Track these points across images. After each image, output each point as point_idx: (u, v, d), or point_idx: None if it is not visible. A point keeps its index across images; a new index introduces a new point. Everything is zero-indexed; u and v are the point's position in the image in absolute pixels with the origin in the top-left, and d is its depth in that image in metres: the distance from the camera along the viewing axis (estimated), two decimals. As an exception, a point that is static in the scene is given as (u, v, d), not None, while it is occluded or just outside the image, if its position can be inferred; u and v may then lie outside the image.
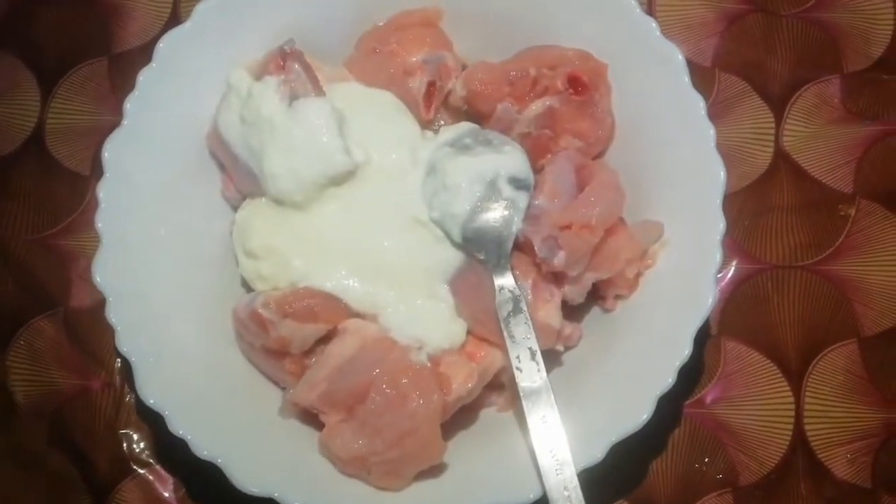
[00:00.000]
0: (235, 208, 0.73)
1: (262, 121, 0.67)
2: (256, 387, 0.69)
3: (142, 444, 0.78)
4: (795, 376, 0.77)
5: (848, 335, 0.78)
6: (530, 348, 0.63)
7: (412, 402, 0.61)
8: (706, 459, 0.76)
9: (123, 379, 0.80)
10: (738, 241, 0.81)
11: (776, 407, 0.77)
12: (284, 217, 0.68)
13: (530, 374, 0.62)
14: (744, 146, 0.83)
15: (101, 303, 0.65)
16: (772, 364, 0.78)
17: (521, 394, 0.62)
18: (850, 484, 0.75)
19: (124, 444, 0.78)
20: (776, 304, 0.79)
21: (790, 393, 0.77)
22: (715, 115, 0.81)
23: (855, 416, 0.77)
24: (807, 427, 0.76)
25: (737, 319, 0.79)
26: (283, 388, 0.69)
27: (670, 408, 0.77)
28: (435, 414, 0.61)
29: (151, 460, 0.78)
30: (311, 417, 0.67)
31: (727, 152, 0.67)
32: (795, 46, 0.85)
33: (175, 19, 0.89)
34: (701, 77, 0.83)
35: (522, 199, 0.66)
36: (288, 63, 0.67)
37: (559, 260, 0.63)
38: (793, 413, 0.77)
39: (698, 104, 0.65)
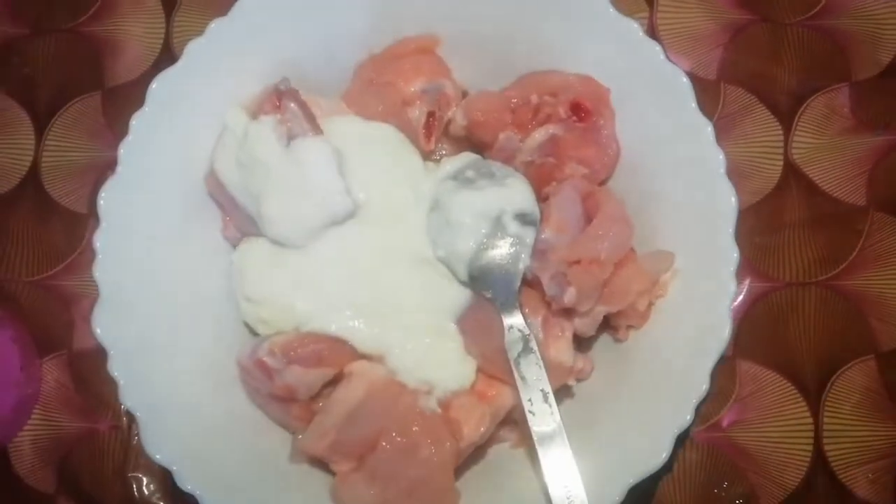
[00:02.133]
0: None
1: (259, 163, 0.65)
2: (265, 433, 0.68)
3: (151, 487, 0.77)
4: (813, 396, 0.76)
5: (865, 351, 0.76)
6: (542, 390, 0.61)
7: (424, 451, 0.59)
8: (725, 484, 0.75)
9: (130, 421, 0.79)
10: (750, 259, 0.79)
11: (794, 428, 0.76)
12: (284, 259, 0.67)
13: (543, 417, 0.61)
14: (752, 161, 0.81)
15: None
16: (789, 384, 0.76)
17: (535, 437, 0.61)
18: (872, 504, 0.74)
19: (133, 487, 0.77)
20: (791, 323, 0.78)
21: (808, 413, 0.76)
22: (721, 129, 0.79)
23: (875, 435, 0.75)
24: (826, 447, 0.75)
25: (751, 339, 0.77)
26: (293, 433, 0.67)
27: (687, 433, 0.76)
28: (448, 462, 0.60)
29: (161, 503, 0.77)
30: (322, 462, 0.66)
31: (735, 168, 0.65)
32: (802, 55, 0.83)
33: (167, 51, 0.87)
34: (706, 91, 0.82)
35: (529, 234, 0.65)
36: (283, 102, 0.66)
37: (569, 297, 0.62)
38: (812, 433, 0.75)
39: (706, 129, 0.64)
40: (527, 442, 0.66)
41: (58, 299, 0.82)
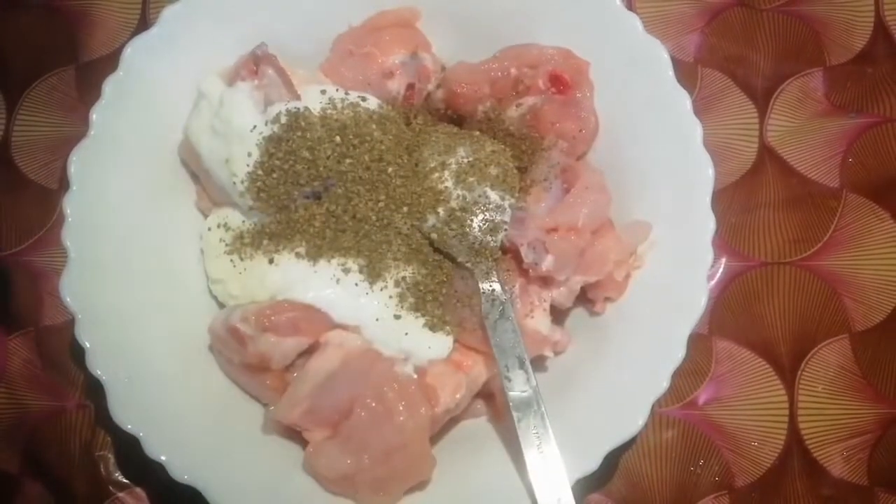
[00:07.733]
0: (211, 219, 0.70)
1: (233, 130, 0.64)
2: (236, 404, 0.66)
3: (119, 466, 0.76)
4: (788, 374, 0.76)
5: (839, 331, 0.77)
6: (518, 356, 0.61)
7: (399, 417, 0.58)
8: (701, 462, 0.75)
9: (99, 399, 0.76)
10: (725, 238, 0.79)
11: (770, 406, 0.76)
12: (257, 229, 0.66)
13: (519, 383, 0.60)
14: (728, 142, 0.82)
15: (73, 321, 0.62)
16: (764, 363, 0.77)
17: (511, 404, 0.60)
18: (846, 482, 0.74)
19: (101, 467, 0.76)
20: (766, 302, 0.78)
21: (783, 391, 0.76)
22: (698, 111, 0.79)
23: (849, 413, 0.76)
24: (801, 425, 0.75)
25: (727, 318, 0.78)
26: (265, 405, 0.66)
27: (663, 411, 0.76)
28: (423, 428, 0.59)
29: (130, 482, 0.75)
30: (295, 433, 0.64)
31: (711, 149, 0.65)
32: (777, 40, 0.84)
33: (143, 26, 0.86)
34: (683, 73, 0.81)
35: (508, 203, 0.64)
36: (261, 67, 0.65)
37: (547, 264, 0.62)
38: (786, 412, 0.75)
39: (684, 101, 0.64)
40: (504, 415, 0.65)
41: (26, 275, 0.81)
